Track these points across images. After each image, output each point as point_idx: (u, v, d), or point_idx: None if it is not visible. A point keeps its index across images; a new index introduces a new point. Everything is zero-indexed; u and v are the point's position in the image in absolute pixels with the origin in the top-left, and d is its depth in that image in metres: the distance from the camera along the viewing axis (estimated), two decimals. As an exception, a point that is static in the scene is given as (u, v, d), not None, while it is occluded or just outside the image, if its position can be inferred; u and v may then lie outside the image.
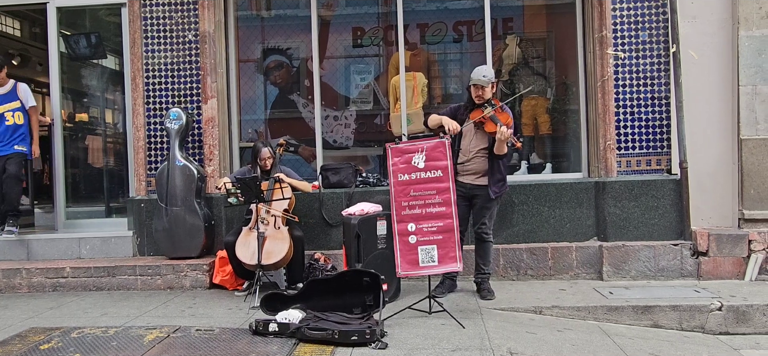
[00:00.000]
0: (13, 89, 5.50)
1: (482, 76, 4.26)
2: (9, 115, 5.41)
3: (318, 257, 4.94)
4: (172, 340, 3.60)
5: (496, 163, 4.31)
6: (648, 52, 5.10)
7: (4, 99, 5.44)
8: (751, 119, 4.98)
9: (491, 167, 4.31)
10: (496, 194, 4.33)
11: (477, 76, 4.27)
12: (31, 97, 5.54)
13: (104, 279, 5.04)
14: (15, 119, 5.43)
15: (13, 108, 5.43)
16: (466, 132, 4.35)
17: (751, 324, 4.22)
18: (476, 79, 4.27)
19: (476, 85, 4.28)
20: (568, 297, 4.50)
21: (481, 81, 4.25)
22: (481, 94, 4.28)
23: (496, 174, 4.32)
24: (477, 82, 4.26)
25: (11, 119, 5.41)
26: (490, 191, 4.31)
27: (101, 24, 6.22)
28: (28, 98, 5.52)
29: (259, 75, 6.54)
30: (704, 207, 5.08)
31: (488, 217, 4.42)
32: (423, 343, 3.44)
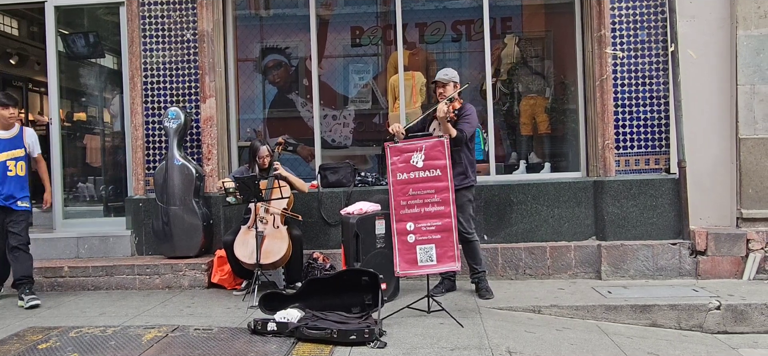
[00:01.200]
0: (19, 135, 4.75)
1: (444, 75, 4.43)
2: (12, 164, 4.63)
3: (316, 257, 4.94)
4: (171, 339, 3.59)
5: (456, 155, 4.29)
6: (646, 51, 5.10)
7: (8, 145, 4.66)
8: (750, 119, 4.98)
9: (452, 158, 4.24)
10: (456, 185, 4.22)
11: (438, 75, 4.45)
12: (38, 145, 4.86)
13: (102, 279, 5.04)
14: (17, 169, 4.64)
15: (16, 156, 4.67)
16: (433, 131, 4.37)
17: (750, 323, 4.23)
18: (437, 77, 4.45)
19: (437, 83, 4.43)
20: (566, 297, 4.50)
21: (441, 79, 4.41)
22: (442, 91, 4.38)
23: (457, 167, 4.30)
24: (437, 80, 4.43)
25: (14, 169, 4.63)
26: None
27: (99, 23, 6.21)
28: (34, 146, 4.84)
29: (257, 74, 6.53)
30: (703, 206, 5.08)
31: (463, 217, 4.34)
32: (421, 342, 3.44)
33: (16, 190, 4.62)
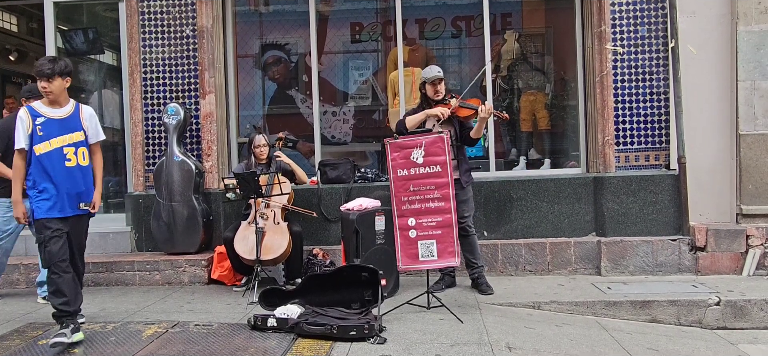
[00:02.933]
0: (76, 114, 3.60)
1: (438, 71, 4.40)
2: (70, 151, 3.48)
3: (316, 253, 4.94)
4: (171, 335, 3.60)
5: (462, 152, 4.41)
6: (647, 47, 5.09)
7: (61, 127, 3.49)
8: (750, 115, 4.98)
9: (459, 157, 4.36)
10: (467, 182, 4.41)
11: (433, 72, 4.39)
12: (99, 128, 3.73)
13: (102, 275, 5.04)
14: (79, 158, 3.52)
15: (75, 142, 3.51)
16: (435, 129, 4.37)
17: (749, 318, 4.23)
18: (434, 74, 4.38)
19: (434, 82, 4.37)
20: (566, 292, 4.50)
21: (439, 75, 4.37)
22: (440, 88, 4.37)
23: (464, 164, 4.42)
24: (436, 78, 4.36)
25: (74, 158, 3.50)
26: (462, 180, 4.36)
27: (99, 19, 6.19)
28: (95, 129, 3.68)
29: (257, 70, 6.53)
30: (702, 203, 5.08)
31: (467, 209, 4.43)
32: (421, 338, 3.44)
33: (82, 185, 3.53)
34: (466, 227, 4.43)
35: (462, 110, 4.31)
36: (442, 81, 4.41)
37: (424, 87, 4.46)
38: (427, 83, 4.41)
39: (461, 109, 4.31)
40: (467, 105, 4.28)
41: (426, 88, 4.43)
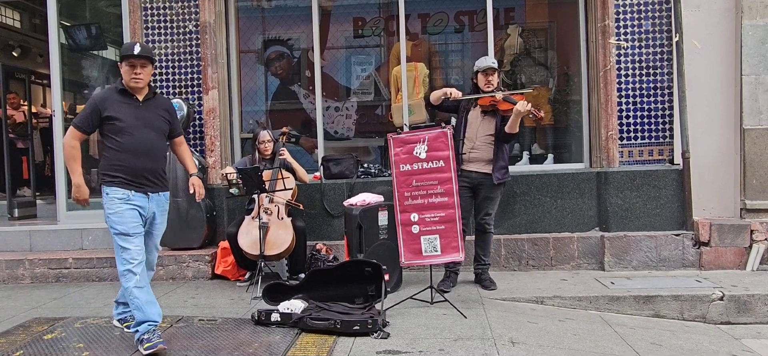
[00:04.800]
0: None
1: (492, 62, 4.38)
2: None
3: (320, 248, 4.95)
4: (175, 330, 3.61)
5: (501, 148, 4.35)
6: (651, 41, 5.07)
7: None
8: (754, 109, 4.96)
9: (496, 152, 4.32)
10: (499, 179, 4.34)
11: (487, 63, 4.36)
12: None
13: (107, 270, 5.06)
14: None
15: None
16: (472, 120, 4.35)
17: (753, 313, 4.23)
18: (488, 64, 4.34)
19: (487, 72, 4.32)
20: (569, 287, 4.50)
21: (493, 65, 4.34)
22: (492, 79, 4.33)
23: (500, 160, 4.35)
24: (488, 67, 4.32)
25: None
26: (493, 176, 4.31)
27: (101, 15, 6.20)
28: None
29: (259, 66, 6.52)
30: (706, 197, 5.07)
31: (492, 207, 4.42)
32: (425, 333, 3.45)
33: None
34: (485, 225, 4.42)
35: (504, 104, 4.23)
36: (496, 72, 4.35)
37: (476, 77, 4.39)
38: (479, 73, 4.36)
39: (504, 102, 4.23)
40: (511, 100, 4.20)
41: (478, 77, 4.37)
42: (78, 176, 3.27)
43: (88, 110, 3.27)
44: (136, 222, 3.25)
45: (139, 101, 3.32)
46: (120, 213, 3.22)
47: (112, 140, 3.25)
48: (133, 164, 3.25)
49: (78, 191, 3.31)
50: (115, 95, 3.28)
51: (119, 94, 3.29)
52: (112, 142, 3.24)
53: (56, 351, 3.31)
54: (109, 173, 3.24)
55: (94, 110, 3.24)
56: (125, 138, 3.24)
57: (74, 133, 3.27)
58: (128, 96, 3.29)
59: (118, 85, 3.31)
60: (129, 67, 3.24)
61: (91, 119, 3.26)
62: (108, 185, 3.24)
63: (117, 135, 3.23)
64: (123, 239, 3.22)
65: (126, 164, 3.24)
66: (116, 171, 3.23)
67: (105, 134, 3.28)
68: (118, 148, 3.24)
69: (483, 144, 4.32)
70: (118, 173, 3.23)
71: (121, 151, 3.24)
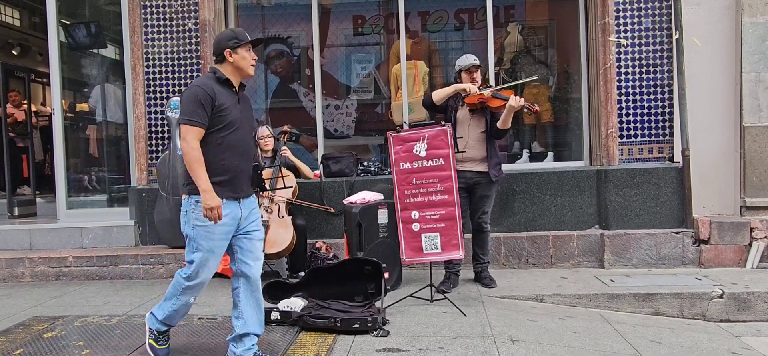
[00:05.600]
0: None
1: (474, 59, 4.36)
2: None
3: (319, 246, 4.95)
4: (175, 328, 3.59)
5: (493, 145, 4.34)
6: (651, 39, 5.06)
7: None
8: (754, 107, 4.95)
9: (489, 149, 4.31)
10: (496, 176, 4.32)
11: (470, 60, 4.35)
12: None
13: (106, 268, 5.06)
14: None
15: None
16: (462, 119, 4.33)
17: (752, 311, 4.23)
18: (470, 62, 4.34)
19: (471, 70, 4.32)
20: (569, 285, 4.51)
21: (476, 62, 4.33)
22: (476, 76, 4.32)
23: (494, 157, 4.34)
24: (472, 65, 4.32)
25: None
26: (490, 174, 4.30)
27: (101, 13, 6.19)
28: None
29: (259, 64, 6.49)
30: (706, 195, 5.07)
31: (489, 205, 4.41)
32: (425, 331, 3.45)
33: None
34: (482, 223, 4.41)
35: (494, 101, 4.20)
36: (479, 68, 4.34)
37: (460, 76, 4.38)
38: (462, 72, 4.35)
39: (493, 99, 4.20)
40: (500, 96, 4.18)
41: (462, 76, 4.36)
42: (206, 181, 2.72)
43: (198, 101, 2.74)
44: (223, 243, 2.85)
45: (237, 93, 2.92)
46: (210, 228, 2.77)
47: (214, 135, 2.79)
48: (235, 164, 2.84)
49: (210, 199, 2.71)
50: (217, 85, 2.83)
51: (220, 84, 2.85)
52: (216, 138, 2.79)
53: (56, 349, 3.31)
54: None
55: (207, 100, 2.74)
56: (230, 134, 2.81)
57: (196, 132, 2.73)
58: (229, 87, 2.88)
59: (220, 75, 2.87)
60: (247, 53, 2.89)
61: (205, 112, 2.75)
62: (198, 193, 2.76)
63: (223, 131, 2.80)
64: (204, 258, 2.81)
65: (228, 164, 2.82)
66: (215, 173, 2.77)
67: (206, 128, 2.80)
68: (222, 144, 2.80)
69: (475, 143, 4.30)
70: (216, 176, 2.77)
71: (224, 149, 2.81)
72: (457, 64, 4.44)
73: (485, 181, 4.32)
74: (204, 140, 2.77)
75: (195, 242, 2.82)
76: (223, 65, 2.89)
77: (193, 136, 2.74)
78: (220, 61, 2.90)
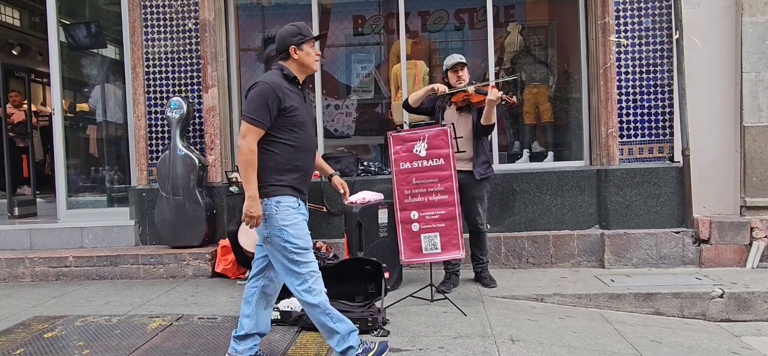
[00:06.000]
0: None
1: (460, 57, 4.34)
2: None
3: (320, 246, 4.95)
4: (175, 328, 3.61)
5: (481, 143, 4.30)
6: (651, 39, 5.06)
7: None
8: (754, 106, 4.95)
9: (476, 147, 4.27)
10: (482, 174, 4.27)
11: (455, 59, 4.33)
12: None
13: (107, 268, 5.06)
14: None
15: None
16: (449, 119, 4.31)
17: (753, 311, 4.23)
18: (456, 60, 4.32)
19: (455, 68, 4.30)
20: (569, 285, 4.50)
21: (461, 61, 4.30)
22: (462, 75, 4.30)
23: (482, 155, 4.29)
24: (457, 63, 4.30)
25: None
26: (475, 172, 4.25)
27: (101, 13, 6.19)
28: None
29: (259, 64, 6.51)
30: (706, 195, 5.07)
31: (481, 208, 4.35)
32: (425, 331, 3.45)
33: None
34: (477, 224, 4.37)
35: (476, 96, 4.21)
36: (464, 67, 4.31)
37: (446, 75, 4.36)
38: (448, 71, 4.33)
39: (476, 95, 4.21)
40: (482, 91, 4.18)
41: (448, 75, 4.34)
42: (256, 188, 2.66)
43: (266, 101, 2.63)
44: (309, 234, 2.78)
45: (302, 90, 2.84)
46: (298, 225, 2.71)
47: (287, 135, 2.71)
48: (306, 164, 2.79)
49: (253, 207, 2.66)
50: (284, 82, 2.74)
51: (289, 82, 2.76)
52: (288, 137, 2.71)
53: (56, 349, 3.31)
54: (280, 177, 2.71)
55: (274, 100, 2.64)
56: (301, 135, 2.74)
57: (257, 132, 2.64)
58: (296, 85, 2.80)
59: (289, 73, 2.77)
60: (312, 48, 2.82)
61: (270, 112, 2.65)
62: (280, 194, 2.69)
63: (295, 129, 2.72)
64: (303, 254, 2.72)
65: (300, 164, 2.76)
66: (288, 173, 2.71)
67: (276, 128, 2.70)
68: (295, 144, 2.73)
69: (463, 142, 4.25)
70: (289, 174, 2.72)
71: (296, 149, 2.74)
72: (444, 64, 4.44)
73: (472, 180, 4.25)
74: (276, 141, 2.70)
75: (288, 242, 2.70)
76: (288, 62, 2.80)
77: (254, 136, 2.64)
78: (284, 57, 2.81)
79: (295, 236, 2.70)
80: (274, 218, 2.70)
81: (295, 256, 2.71)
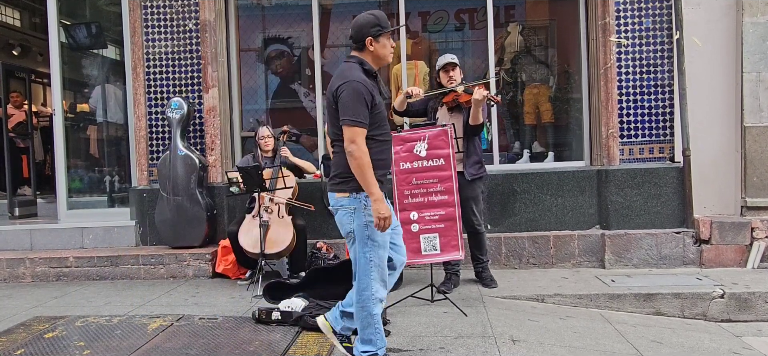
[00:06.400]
0: None
1: (451, 57, 4.31)
2: None
3: (320, 247, 4.95)
4: (176, 328, 3.61)
5: (471, 143, 4.27)
6: (651, 39, 5.06)
7: None
8: (755, 107, 4.95)
9: (467, 147, 4.24)
10: (473, 175, 4.24)
11: (446, 59, 4.30)
12: None
13: (107, 269, 5.06)
14: None
15: None
16: (441, 119, 4.30)
17: (753, 311, 4.22)
18: (447, 60, 4.29)
19: (447, 68, 4.27)
20: (570, 285, 4.50)
21: (452, 61, 4.28)
22: (453, 75, 4.27)
23: (473, 156, 4.26)
24: (447, 63, 4.27)
25: None
26: (466, 172, 4.22)
27: (101, 13, 6.20)
28: None
29: (260, 64, 6.51)
30: (707, 195, 5.06)
31: (476, 209, 4.32)
32: (425, 331, 3.45)
33: None
34: (474, 225, 4.34)
35: (464, 96, 4.20)
36: (456, 67, 4.28)
37: (439, 76, 4.34)
38: (440, 71, 4.32)
39: (464, 95, 4.20)
40: (470, 91, 4.16)
41: (440, 76, 4.33)
42: (379, 189, 2.60)
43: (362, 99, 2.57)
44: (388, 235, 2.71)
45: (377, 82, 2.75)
46: None
47: (375, 131, 2.66)
48: (389, 159, 2.76)
49: (384, 209, 2.60)
50: (367, 78, 2.66)
51: (368, 76, 2.69)
52: (376, 133, 2.66)
53: (57, 349, 3.32)
54: None
55: (368, 98, 2.60)
56: (385, 128, 2.71)
57: (363, 133, 2.57)
58: (374, 78, 2.73)
59: (369, 67, 2.70)
60: (388, 41, 2.75)
61: (368, 110, 2.60)
62: None
63: (381, 125, 2.68)
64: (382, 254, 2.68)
65: (386, 159, 2.74)
66: (377, 168, 2.64)
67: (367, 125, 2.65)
68: (383, 139, 2.70)
69: None
70: (378, 169, 2.66)
71: (384, 143, 2.71)
72: (436, 64, 4.43)
73: (463, 181, 4.20)
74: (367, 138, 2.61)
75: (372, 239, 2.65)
76: (364, 54, 2.72)
77: (362, 138, 2.57)
78: (359, 48, 2.72)
79: (380, 235, 2.65)
80: (362, 212, 2.65)
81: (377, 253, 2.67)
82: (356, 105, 2.56)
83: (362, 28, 2.72)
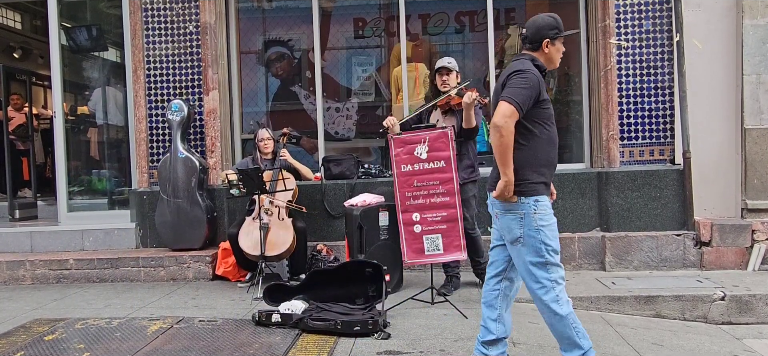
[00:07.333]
0: None
1: (447, 61, 4.30)
2: None
3: (320, 249, 4.95)
4: (176, 331, 3.61)
5: (465, 147, 4.26)
6: (651, 41, 5.07)
7: None
8: (755, 109, 4.95)
9: (460, 151, 4.22)
10: (465, 179, 4.20)
11: (442, 63, 4.30)
12: None
13: (107, 271, 5.06)
14: None
15: None
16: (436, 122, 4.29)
17: (754, 313, 4.22)
18: (442, 64, 4.28)
19: (441, 72, 4.26)
20: (570, 288, 4.49)
21: (447, 65, 4.26)
22: (447, 79, 4.25)
23: (465, 160, 4.25)
24: (444, 67, 4.25)
25: None
26: (459, 176, 4.15)
27: (102, 16, 6.21)
28: None
29: (260, 67, 6.52)
30: (707, 197, 5.06)
31: (468, 213, 4.27)
32: (426, 333, 3.44)
33: None
34: (467, 229, 4.26)
35: (455, 99, 4.19)
36: (450, 72, 4.26)
37: (434, 78, 4.35)
38: (436, 74, 4.32)
39: (455, 98, 4.19)
40: (461, 94, 4.14)
41: (435, 78, 4.32)
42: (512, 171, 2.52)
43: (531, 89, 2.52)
44: None
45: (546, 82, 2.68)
46: (553, 226, 2.58)
47: (540, 129, 2.60)
48: (555, 161, 2.68)
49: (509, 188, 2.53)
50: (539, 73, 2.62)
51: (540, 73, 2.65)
52: (542, 131, 2.60)
53: (57, 351, 3.31)
54: (537, 175, 2.58)
55: (537, 91, 2.54)
56: (552, 128, 2.65)
57: (516, 117, 2.49)
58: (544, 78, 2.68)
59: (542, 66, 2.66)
60: (562, 45, 2.72)
61: (530, 102, 2.53)
62: (538, 192, 2.56)
63: (548, 123, 2.62)
64: (556, 256, 2.60)
65: (552, 161, 2.66)
66: (543, 167, 2.60)
67: (532, 121, 2.58)
68: (549, 138, 2.63)
69: None
70: (545, 171, 2.61)
71: (553, 145, 2.65)
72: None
73: None
74: (532, 135, 2.58)
75: (544, 245, 2.58)
76: (538, 54, 2.68)
77: (514, 121, 2.47)
78: (534, 49, 2.69)
79: (550, 238, 2.57)
80: (532, 217, 2.56)
81: (548, 258, 2.58)
82: (522, 89, 2.51)
83: (541, 30, 2.69)
